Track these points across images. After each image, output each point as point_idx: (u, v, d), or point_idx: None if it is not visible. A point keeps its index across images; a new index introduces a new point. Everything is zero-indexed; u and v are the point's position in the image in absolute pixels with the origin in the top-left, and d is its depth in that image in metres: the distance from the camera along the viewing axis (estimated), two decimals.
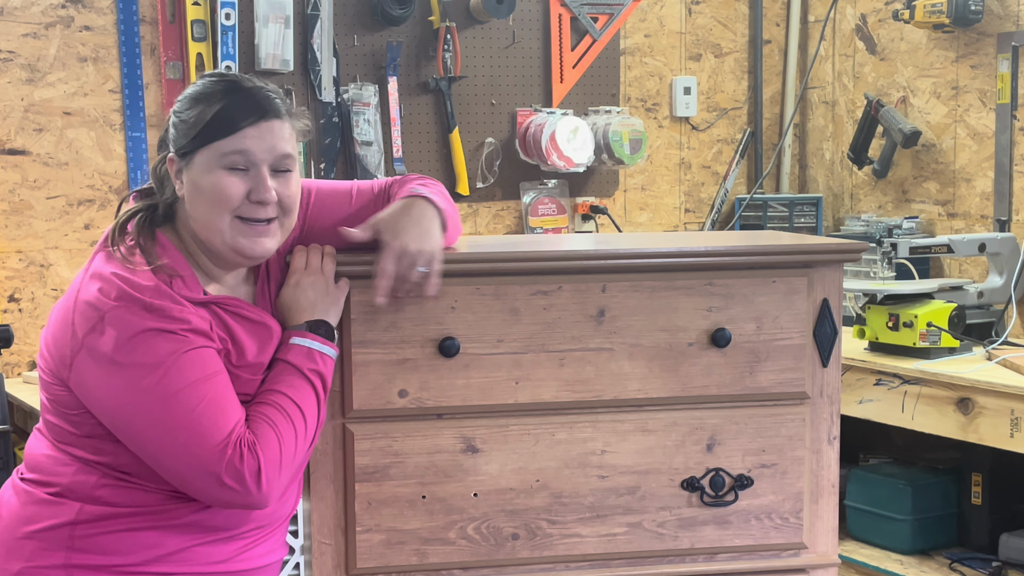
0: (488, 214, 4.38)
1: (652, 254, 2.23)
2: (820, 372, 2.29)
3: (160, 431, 1.87)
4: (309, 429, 1.98)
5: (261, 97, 1.99)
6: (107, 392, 1.89)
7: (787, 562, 2.32)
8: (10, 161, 3.68)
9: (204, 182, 1.96)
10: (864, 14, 4.55)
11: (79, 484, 1.95)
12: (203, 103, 1.97)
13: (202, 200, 1.97)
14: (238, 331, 1.99)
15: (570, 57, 4.42)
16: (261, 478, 1.89)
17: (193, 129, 1.96)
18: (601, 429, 2.23)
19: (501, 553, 2.22)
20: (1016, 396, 3.17)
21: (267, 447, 1.90)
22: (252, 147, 1.96)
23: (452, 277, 2.14)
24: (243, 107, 1.96)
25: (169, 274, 1.95)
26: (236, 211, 1.97)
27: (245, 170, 1.96)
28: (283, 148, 1.99)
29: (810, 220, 4.62)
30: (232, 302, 2.01)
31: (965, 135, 4.18)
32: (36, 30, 3.70)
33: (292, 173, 2.01)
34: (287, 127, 2.00)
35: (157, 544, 1.95)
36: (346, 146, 4.06)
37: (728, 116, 4.79)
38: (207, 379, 1.89)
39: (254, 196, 1.97)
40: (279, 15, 3.90)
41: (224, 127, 1.95)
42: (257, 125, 1.96)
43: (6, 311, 3.69)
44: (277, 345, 2.03)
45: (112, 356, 1.87)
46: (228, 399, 1.91)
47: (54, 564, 1.93)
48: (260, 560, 2.06)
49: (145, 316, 1.88)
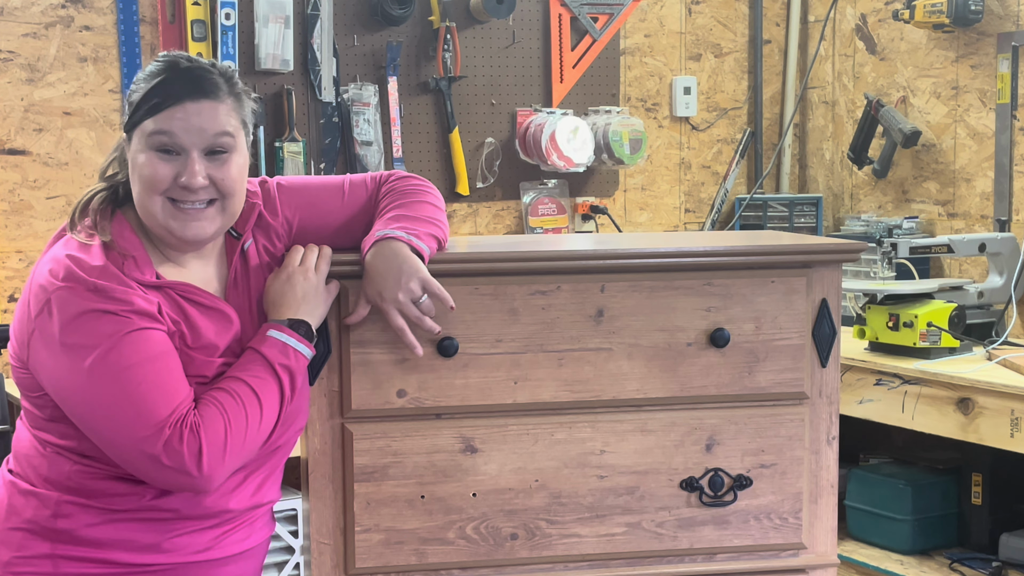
0: (488, 214, 4.38)
1: (651, 254, 2.23)
2: (819, 372, 2.29)
3: (102, 411, 1.88)
4: (266, 420, 1.96)
5: (195, 76, 1.96)
6: (56, 374, 1.90)
7: (786, 562, 2.32)
8: (10, 161, 3.68)
9: (137, 162, 1.96)
10: (864, 14, 4.55)
11: (55, 474, 1.97)
12: (143, 83, 1.97)
13: (135, 180, 1.97)
14: (192, 313, 1.99)
15: (570, 57, 4.42)
16: (202, 460, 1.88)
17: (131, 108, 1.97)
18: (600, 429, 2.23)
19: (500, 553, 2.22)
20: (1016, 396, 3.17)
21: (211, 430, 1.89)
22: (177, 128, 1.94)
23: (451, 277, 2.14)
24: (173, 87, 1.94)
25: (121, 254, 1.95)
26: (166, 193, 1.95)
27: (176, 153, 1.95)
28: (214, 128, 1.95)
29: (810, 220, 4.62)
30: (185, 287, 2.00)
31: (965, 135, 4.18)
32: (36, 30, 3.70)
33: (230, 155, 1.98)
34: (222, 107, 1.97)
35: (135, 536, 1.96)
36: (346, 146, 4.06)
37: (728, 116, 4.79)
38: (149, 360, 1.89)
39: (181, 180, 1.95)
40: (279, 15, 3.90)
41: (152, 108, 1.94)
42: (183, 106, 1.94)
43: (6, 311, 3.69)
44: (248, 334, 2.03)
45: (59, 337, 1.88)
46: (171, 381, 1.90)
47: (40, 554, 1.95)
48: (240, 546, 2.07)
49: (89, 297, 1.88)
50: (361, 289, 2.09)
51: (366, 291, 2.08)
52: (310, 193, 2.16)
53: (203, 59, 2.01)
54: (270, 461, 2.08)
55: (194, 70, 1.97)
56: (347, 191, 2.18)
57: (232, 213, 2.02)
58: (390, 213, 2.13)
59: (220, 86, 1.97)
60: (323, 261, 2.09)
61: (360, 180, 2.20)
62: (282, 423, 2.01)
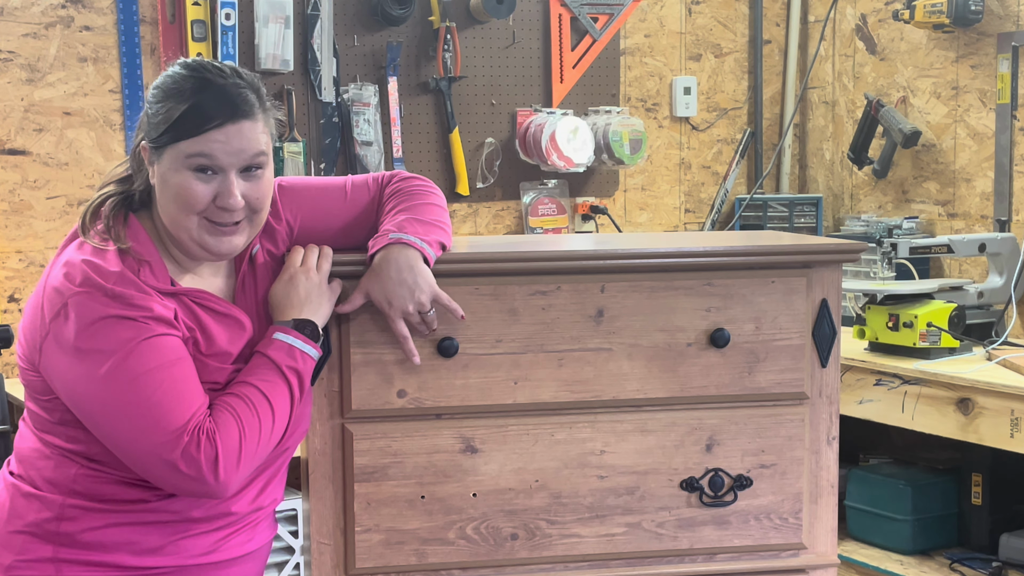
0: (488, 214, 4.38)
1: (651, 254, 2.23)
2: (819, 372, 2.29)
3: (119, 417, 1.87)
4: (278, 424, 1.96)
5: (231, 95, 1.93)
6: (71, 378, 1.89)
7: (786, 562, 2.32)
8: (10, 161, 3.68)
9: (171, 180, 1.94)
10: (864, 14, 4.55)
11: (60, 477, 1.96)
12: (173, 99, 1.93)
13: (169, 197, 1.95)
14: (207, 320, 1.98)
15: (570, 57, 4.42)
16: (218, 467, 1.88)
17: (162, 125, 1.93)
18: (600, 429, 2.23)
19: (500, 553, 2.22)
20: (1016, 396, 3.17)
21: (227, 437, 1.89)
22: (217, 151, 1.92)
23: (451, 277, 2.14)
24: (211, 108, 1.92)
25: (137, 260, 1.94)
26: (203, 213, 1.95)
27: (213, 173, 1.93)
28: (253, 149, 1.94)
29: (810, 220, 4.62)
30: (200, 294, 2.00)
31: (965, 135, 4.18)
32: (36, 30, 3.70)
33: (264, 171, 1.98)
34: (259, 126, 1.96)
35: (139, 539, 1.96)
36: (346, 146, 4.06)
37: (728, 116, 4.79)
38: (167, 366, 1.88)
39: (220, 202, 1.94)
40: (279, 15, 3.90)
41: (190, 128, 1.91)
42: (224, 128, 1.92)
43: (6, 311, 3.69)
44: (258, 339, 2.03)
45: (74, 342, 1.87)
46: (188, 387, 1.90)
47: (43, 558, 1.95)
48: (243, 548, 2.06)
49: (107, 303, 1.88)
50: (362, 284, 2.09)
51: (371, 291, 2.08)
52: (311, 195, 2.16)
53: (229, 68, 1.97)
54: (275, 463, 2.08)
55: (229, 88, 1.93)
56: (349, 192, 2.17)
57: (259, 225, 2.02)
58: (399, 216, 2.12)
59: (255, 104, 1.95)
60: (324, 260, 2.09)
61: (362, 181, 2.20)
62: (291, 425, 2.01)
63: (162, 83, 1.97)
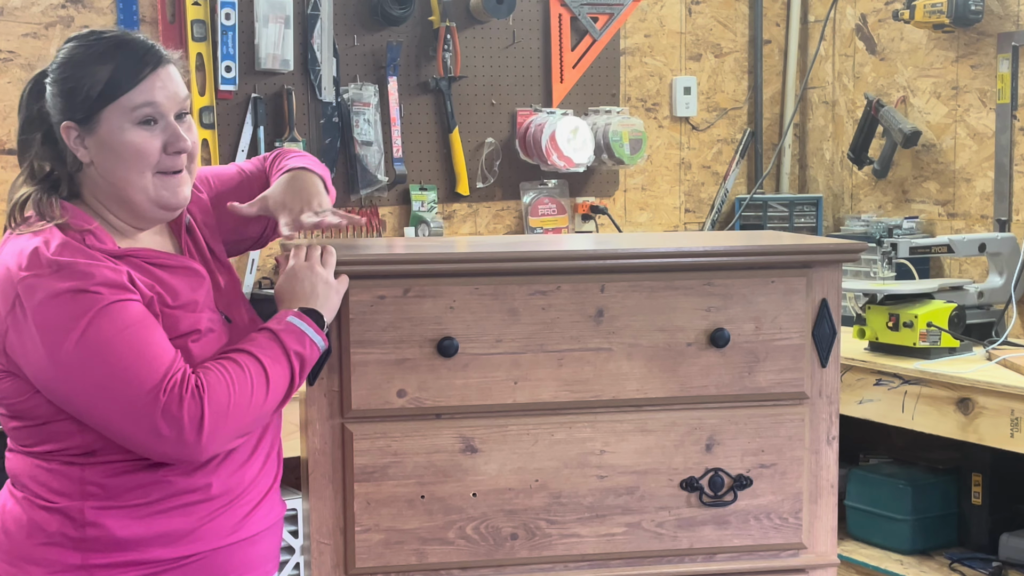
0: (488, 214, 4.38)
1: (651, 254, 2.23)
2: (819, 372, 2.29)
3: (93, 390, 1.86)
4: (271, 399, 1.95)
5: (147, 45, 1.98)
6: (37, 364, 1.87)
7: (786, 562, 2.32)
8: (10, 161, 3.68)
9: (117, 142, 1.94)
10: (864, 14, 4.55)
11: (69, 484, 1.94)
12: (93, 64, 1.94)
13: (118, 161, 1.95)
14: (163, 276, 1.98)
15: (570, 57, 4.42)
16: (204, 424, 1.86)
17: (94, 90, 1.93)
18: (600, 429, 2.23)
19: (500, 553, 2.22)
20: (1016, 396, 3.17)
21: (214, 395, 1.88)
22: (159, 96, 1.95)
23: (451, 277, 2.14)
24: (138, 58, 1.95)
25: (79, 230, 1.93)
26: (156, 167, 1.96)
27: (155, 122, 1.95)
28: (183, 92, 1.99)
29: (810, 220, 4.62)
30: (148, 253, 2.00)
31: (965, 135, 4.18)
32: (36, 30, 3.70)
33: (190, 116, 2.02)
34: (178, 71, 2.01)
35: (170, 526, 1.95)
36: (346, 146, 4.06)
37: (728, 116, 4.79)
38: (127, 329, 1.86)
39: (171, 147, 1.96)
40: (279, 15, 3.90)
41: (125, 81, 1.93)
42: (157, 73, 1.95)
43: None
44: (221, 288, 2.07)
45: (33, 326, 1.86)
46: (155, 346, 1.88)
47: (72, 566, 1.92)
48: (265, 521, 2.07)
49: (55, 279, 1.86)
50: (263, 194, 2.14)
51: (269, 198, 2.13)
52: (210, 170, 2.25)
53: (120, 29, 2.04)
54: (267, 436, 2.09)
55: (139, 41, 1.98)
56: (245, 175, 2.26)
57: (194, 174, 2.06)
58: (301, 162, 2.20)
59: (165, 51, 2.00)
60: (328, 255, 2.09)
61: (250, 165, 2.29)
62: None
63: (69, 58, 1.97)
